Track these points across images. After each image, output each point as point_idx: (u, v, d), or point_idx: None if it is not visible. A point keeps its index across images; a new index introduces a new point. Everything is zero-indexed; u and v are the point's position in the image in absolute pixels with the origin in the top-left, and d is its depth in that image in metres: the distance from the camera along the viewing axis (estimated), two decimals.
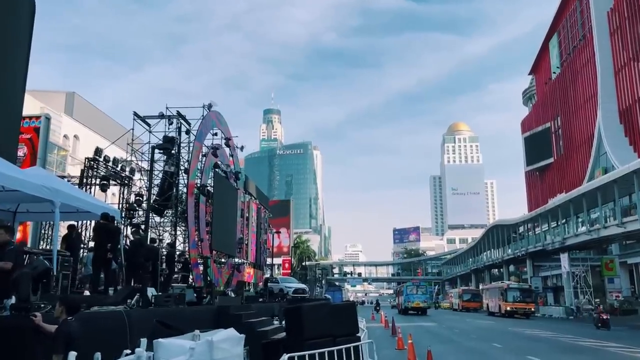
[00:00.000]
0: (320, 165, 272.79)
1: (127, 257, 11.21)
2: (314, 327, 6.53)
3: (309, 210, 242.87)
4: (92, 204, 11.77)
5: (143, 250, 11.61)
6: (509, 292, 43.45)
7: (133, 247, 11.53)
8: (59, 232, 10.93)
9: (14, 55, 14.06)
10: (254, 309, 12.11)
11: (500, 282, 53.01)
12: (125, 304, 7.14)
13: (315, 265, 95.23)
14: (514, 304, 42.44)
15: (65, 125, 47.20)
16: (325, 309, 6.73)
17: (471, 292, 64.05)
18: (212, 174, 25.71)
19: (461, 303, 60.97)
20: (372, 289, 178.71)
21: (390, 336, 20.36)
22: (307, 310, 6.45)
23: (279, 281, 30.65)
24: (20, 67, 14.80)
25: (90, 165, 18.09)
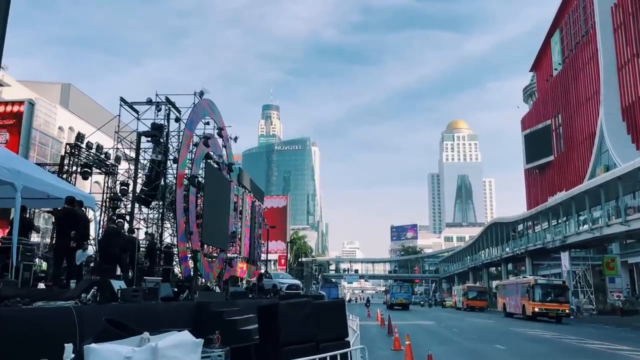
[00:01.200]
0: (319, 162, 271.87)
1: (101, 248, 10.30)
2: (292, 329, 5.47)
3: (307, 206, 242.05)
4: (64, 189, 10.80)
5: (119, 241, 10.68)
6: (537, 289, 35.44)
7: (107, 237, 10.59)
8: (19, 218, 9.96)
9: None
10: (240, 306, 11.15)
11: (521, 276, 45.09)
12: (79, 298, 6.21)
13: (312, 261, 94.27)
14: (544, 304, 34.47)
15: (60, 117, 46.23)
16: (308, 308, 5.71)
17: (477, 290, 59.95)
18: (203, 165, 24.74)
19: (466, 301, 56.70)
20: (369, 286, 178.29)
21: (386, 335, 19.45)
22: (285, 308, 5.44)
23: (272, 277, 29.70)
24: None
25: (71, 152, 17.09)
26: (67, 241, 8.38)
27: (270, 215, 62.86)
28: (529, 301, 35.69)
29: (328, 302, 7.09)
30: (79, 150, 17.21)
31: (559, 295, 35.21)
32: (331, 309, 6.27)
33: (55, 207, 10.42)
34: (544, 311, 34.11)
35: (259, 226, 38.51)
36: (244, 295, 15.14)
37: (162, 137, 20.22)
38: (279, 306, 5.52)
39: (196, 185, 22.89)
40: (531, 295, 35.48)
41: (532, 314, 34.78)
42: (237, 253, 30.40)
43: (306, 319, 5.51)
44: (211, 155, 25.83)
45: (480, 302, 55.83)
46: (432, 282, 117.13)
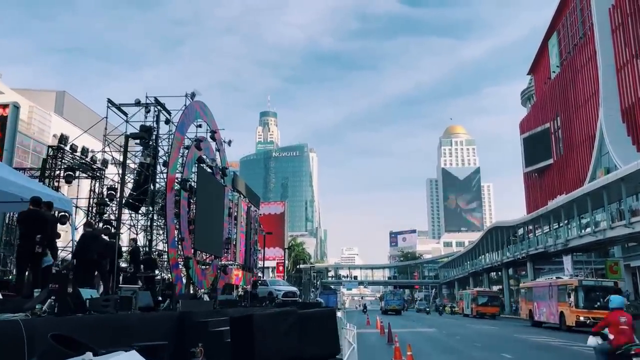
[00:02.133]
0: (317, 168, 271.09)
1: (76, 254, 9.54)
2: (271, 345, 4.65)
3: (305, 213, 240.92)
4: (40, 192, 10.03)
5: (96, 246, 9.89)
6: (581, 292, 28.65)
7: (83, 242, 9.80)
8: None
9: None
10: (228, 316, 10.32)
11: (554, 277, 37.69)
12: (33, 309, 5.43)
13: (310, 268, 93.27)
14: (591, 312, 27.07)
15: (55, 124, 45.46)
16: (291, 319, 4.91)
17: (488, 295, 54.92)
18: (195, 169, 23.99)
19: (475, 307, 51.94)
20: (368, 293, 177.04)
21: (386, 344, 18.63)
22: (262, 320, 4.64)
23: (268, 284, 28.89)
24: None
25: (54, 155, 16.30)
26: (32, 246, 7.60)
27: (267, 221, 61.99)
28: (571, 307, 28.86)
29: (316, 312, 6.18)
30: (62, 153, 16.42)
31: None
32: (320, 320, 5.42)
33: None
34: (592, 321, 25.30)
35: (255, 232, 37.66)
36: (234, 304, 14.32)
37: (151, 140, 19.43)
38: (254, 317, 4.70)
39: (188, 189, 22.12)
40: (574, 300, 28.65)
41: (574, 324, 27.86)
42: (232, 260, 29.56)
43: (289, 332, 4.70)
44: (204, 159, 25.07)
45: (491, 308, 51.44)
46: (432, 288, 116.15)
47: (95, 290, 8.09)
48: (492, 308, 51.74)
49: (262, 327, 4.68)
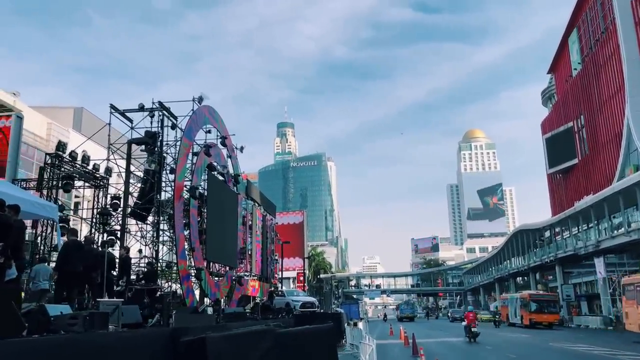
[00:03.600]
0: (335, 177, 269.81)
1: (58, 265, 8.58)
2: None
3: (325, 222, 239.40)
4: (17, 197, 9.08)
5: (80, 256, 8.89)
6: None
7: (65, 252, 8.81)
8: None
9: None
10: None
11: None
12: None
13: (331, 277, 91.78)
14: None
15: (73, 140, 45.21)
16: (267, 343, 3.74)
17: (544, 299, 43.51)
18: (205, 176, 23.03)
19: (527, 315, 42.13)
20: (391, 301, 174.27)
21: (410, 357, 17.31)
22: (219, 345, 3.49)
23: (285, 294, 27.71)
24: None
25: (52, 163, 15.45)
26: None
27: (287, 231, 60.96)
28: None
29: (304, 332, 4.85)
30: (61, 161, 15.56)
31: None
32: (312, 342, 4.18)
33: None
34: None
35: (272, 242, 36.58)
36: (242, 317, 13.16)
37: (157, 146, 18.50)
38: (208, 341, 3.54)
39: (197, 197, 21.12)
40: None
41: None
42: (247, 270, 28.49)
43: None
44: (214, 165, 24.14)
45: (548, 315, 41.61)
46: (456, 295, 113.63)
47: (68, 306, 7.08)
48: (550, 315, 41.70)
49: (219, 355, 3.48)
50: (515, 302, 47.10)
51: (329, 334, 4.42)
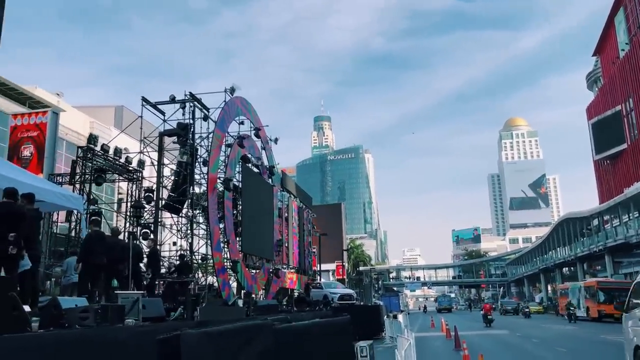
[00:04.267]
0: (373, 169, 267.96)
1: (81, 257, 8.37)
2: None
3: (364, 214, 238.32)
4: (47, 190, 8.89)
5: (102, 247, 8.64)
6: None
7: (87, 244, 8.57)
8: None
9: None
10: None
11: None
12: None
13: (371, 270, 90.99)
14: None
15: (116, 139, 46.27)
16: (260, 343, 3.04)
17: (616, 287, 35.86)
18: (239, 168, 22.79)
19: (595, 306, 36.64)
20: (433, 293, 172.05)
21: (453, 350, 16.61)
22: (198, 344, 2.92)
23: (322, 287, 27.31)
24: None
25: (84, 156, 15.41)
26: (4, 246, 6.37)
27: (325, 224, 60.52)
28: None
29: (311, 326, 4.11)
30: (93, 154, 15.51)
31: None
32: (322, 338, 3.52)
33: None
34: None
35: (309, 234, 36.24)
36: (274, 310, 12.75)
37: (188, 138, 18.29)
38: (184, 339, 2.98)
39: (231, 189, 20.87)
40: None
41: None
42: (284, 263, 28.22)
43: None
44: (249, 157, 23.89)
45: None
46: (499, 286, 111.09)
47: (85, 298, 6.81)
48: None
49: (197, 357, 2.93)
50: (579, 292, 41.45)
51: (344, 329, 3.75)
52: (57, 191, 9.00)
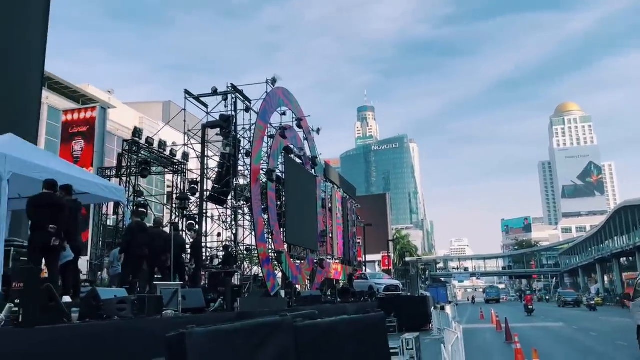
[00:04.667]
0: (418, 159, 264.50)
1: (123, 247, 8.43)
2: None
3: (409, 205, 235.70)
4: (90, 182, 8.99)
5: (144, 238, 8.65)
6: None
7: (128, 235, 8.61)
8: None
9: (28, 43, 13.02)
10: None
11: None
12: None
13: (417, 260, 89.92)
14: None
15: (163, 132, 47.56)
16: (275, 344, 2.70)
17: None
18: (282, 159, 22.74)
19: None
20: (482, 284, 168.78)
21: (504, 343, 16.03)
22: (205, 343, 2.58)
23: (367, 277, 27.02)
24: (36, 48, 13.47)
25: (129, 149, 15.65)
26: (46, 238, 6.40)
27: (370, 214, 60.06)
28: None
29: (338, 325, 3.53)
30: (138, 147, 15.73)
31: None
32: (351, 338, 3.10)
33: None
34: None
35: (353, 224, 35.97)
36: (316, 301, 12.55)
37: (231, 129, 18.32)
38: (188, 339, 2.66)
39: (274, 180, 20.83)
40: None
41: None
42: (329, 253, 28.08)
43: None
44: (291, 148, 23.83)
45: None
46: (552, 277, 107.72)
47: (124, 289, 6.80)
48: None
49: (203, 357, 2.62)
50: None
51: (377, 327, 3.37)
52: (100, 183, 9.09)
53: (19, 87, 13.31)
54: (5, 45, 13.03)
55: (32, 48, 13.79)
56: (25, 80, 13.53)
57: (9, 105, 12.64)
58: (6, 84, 12.80)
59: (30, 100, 13.73)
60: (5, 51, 13.02)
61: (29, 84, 13.63)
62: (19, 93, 13.15)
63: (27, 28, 13.75)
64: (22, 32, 13.67)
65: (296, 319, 3.04)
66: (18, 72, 13.28)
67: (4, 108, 12.45)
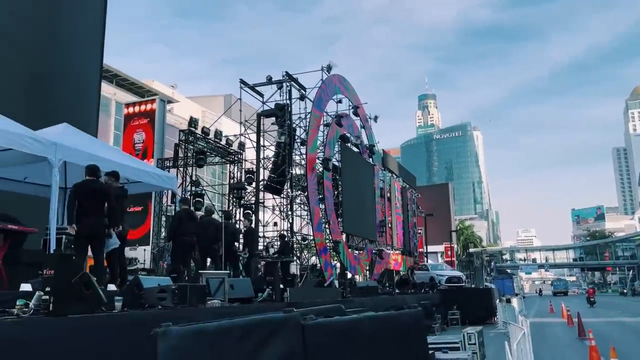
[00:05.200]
0: (482, 147, 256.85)
1: (170, 236, 8.38)
2: None
3: (473, 194, 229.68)
4: (142, 170, 8.99)
5: (191, 226, 8.53)
6: None
7: (176, 222, 8.52)
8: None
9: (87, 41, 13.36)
10: (360, 306, 8.26)
11: None
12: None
13: (482, 252, 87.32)
14: None
15: (225, 124, 48.83)
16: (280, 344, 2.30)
17: None
18: (338, 147, 22.39)
19: None
20: (550, 276, 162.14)
21: (576, 339, 15.01)
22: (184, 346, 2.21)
23: (429, 268, 26.27)
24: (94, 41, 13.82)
25: (185, 139, 15.76)
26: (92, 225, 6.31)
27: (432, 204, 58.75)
28: None
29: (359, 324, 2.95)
30: (194, 137, 15.82)
31: None
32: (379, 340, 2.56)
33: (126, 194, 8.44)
34: None
35: (413, 214, 35.16)
36: (372, 292, 12.10)
37: (286, 118, 18.14)
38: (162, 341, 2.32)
39: (330, 169, 20.52)
40: None
41: None
42: (388, 243, 27.54)
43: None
44: (347, 137, 23.42)
45: None
46: (628, 270, 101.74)
47: (169, 278, 6.67)
48: None
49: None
50: None
51: (412, 327, 2.77)
52: (151, 171, 9.08)
53: (79, 80, 13.65)
54: (65, 38, 13.39)
55: (89, 41, 14.11)
56: (85, 73, 13.87)
57: (69, 98, 12.98)
58: (66, 77, 13.15)
59: (91, 93, 14.08)
60: (66, 43, 13.38)
61: (88, 77, 13.98)
62: (79, 86, 13.50)
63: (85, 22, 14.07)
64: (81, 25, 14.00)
65: (306, 317, 2.65)
66: (78, 64, 13.62)
67: (65, 101, 12.79)
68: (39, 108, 11.56)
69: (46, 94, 12.65)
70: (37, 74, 12.30)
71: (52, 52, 13.07)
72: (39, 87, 12.41)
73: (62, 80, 13.12)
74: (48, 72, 12.70)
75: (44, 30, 13.03)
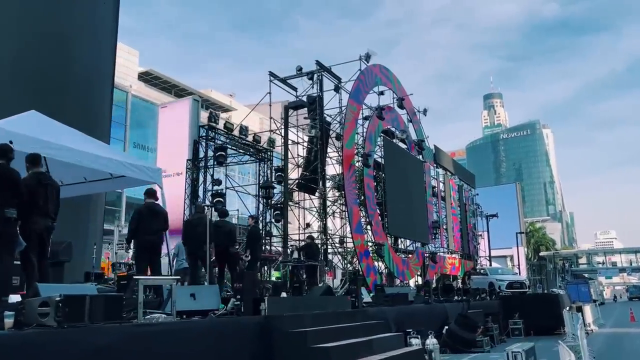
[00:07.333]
0: (553, 146, 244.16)
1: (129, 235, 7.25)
2: None
3: (545, 195, 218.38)
4: (121, 162, 7.87)
5: (154, 223, 7.21)
6: None
7: (137, 219, 7.22)
8: None
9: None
10: (372, 319, 6.63)
11: None
12: None
13: (554, 255, 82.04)
14: None
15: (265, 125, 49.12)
16: None
17: None
18: (380, 142, 20.77)
19: None
20: (635, 281, 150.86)
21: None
22: None
23: (488, 273, 23.97)
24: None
25: (206, 135, 14.69)
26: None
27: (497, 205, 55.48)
28: None
29: None
30: (215, 132, 14.71)
31: None
32: None
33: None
34: None
35: (473, 215, 32.73)
36: (400, 300, 10.26)
37: (317, 111, 16.74)
38: None
39: (370, 165, 18.89)
40: None
41: None
42: (442, 246, 25.49)
43: None
44: (392, 131, 21.75)
45: None
46: None
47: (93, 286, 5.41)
48: None
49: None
50: None
51: None
52: (132, 163, 7.91)
53: (91, 78, 13.00)
54: (77, 33, 12.79)
55: (102, 36, 13.44)
56: (97, 68, 13.20)
57: (81, 102, 12.30)
58: (78, 73, 12.53)
59: (104, 89, 13.40)
60: (77, 39, 12.77)
61: (101, 71, 13.30)
62: (92, 79, 12.84)
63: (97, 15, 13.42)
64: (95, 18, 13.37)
65: None
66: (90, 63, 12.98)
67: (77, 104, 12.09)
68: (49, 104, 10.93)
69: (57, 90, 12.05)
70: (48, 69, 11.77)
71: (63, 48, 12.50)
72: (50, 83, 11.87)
73: (72, 76, 12.50)
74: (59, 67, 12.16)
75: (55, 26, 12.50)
